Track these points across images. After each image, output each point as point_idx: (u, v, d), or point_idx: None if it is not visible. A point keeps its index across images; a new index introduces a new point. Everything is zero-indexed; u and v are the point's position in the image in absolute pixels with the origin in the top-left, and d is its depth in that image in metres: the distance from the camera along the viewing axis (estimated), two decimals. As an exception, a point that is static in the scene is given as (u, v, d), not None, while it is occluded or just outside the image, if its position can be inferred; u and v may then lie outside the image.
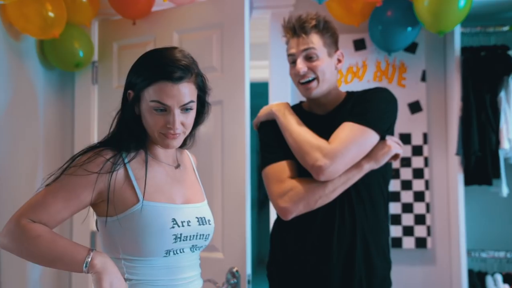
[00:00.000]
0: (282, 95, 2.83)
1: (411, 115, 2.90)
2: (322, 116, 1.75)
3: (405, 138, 2.88)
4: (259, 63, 3.96)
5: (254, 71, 4.37)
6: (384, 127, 1.67)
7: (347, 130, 1.60)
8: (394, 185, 2.88)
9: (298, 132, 1.64)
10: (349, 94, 1.79)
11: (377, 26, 2.77)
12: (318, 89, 1.68)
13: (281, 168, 1.67)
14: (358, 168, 1.62)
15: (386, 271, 1.80)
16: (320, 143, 1.58)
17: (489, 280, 2.75)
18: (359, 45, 2.96)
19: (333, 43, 1.75)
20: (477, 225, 2.83)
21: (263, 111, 1.82)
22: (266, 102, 2.73)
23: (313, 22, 1.68)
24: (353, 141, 1.58)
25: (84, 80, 3.04)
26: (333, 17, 2.65)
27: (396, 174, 2.89)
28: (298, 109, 1.80)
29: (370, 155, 1.63)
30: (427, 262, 2.87)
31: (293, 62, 1.70)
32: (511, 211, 2.90)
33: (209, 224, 1.43)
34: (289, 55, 1.71)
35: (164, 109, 1.31)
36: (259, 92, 3.85)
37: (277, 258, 1.80)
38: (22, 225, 1.22)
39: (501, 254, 2.77)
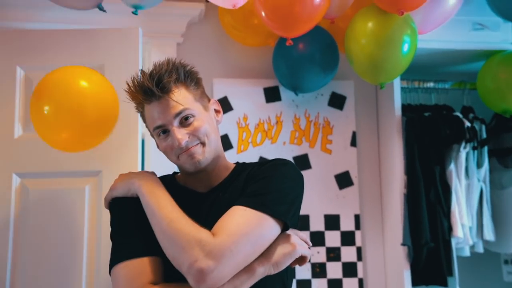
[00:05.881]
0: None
1: (340, 190, 2.21)
2: (203, 194, 1.41)
3: (332, 222, 2.18)
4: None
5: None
6: (288, 214, 1.30)
7: (238, 218, 1.26)
8: (319, 286, 2.11)
9: (171, 218, 1.27)
10: (240, 166, 1.46)
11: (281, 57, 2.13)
12: (206, 155, 1.37)
13: (139, 268, 1.28)
14: (250, 272, 1.26)
15: None
16: (202, 235, 1.23)
17: None
18: (271, 94, 2.24)
19: (202, 92, 1.41)
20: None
21: (119, 183, 1.41)
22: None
23: (174, 75, 1.33)
24: (246, 234, 1.24)
25: None
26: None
27: (321, 271, 2.13)
28: (170, 183, 1.43)
29: (266, 256, 1.29)
30: None
31: (163, 132, 1.36)
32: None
33: None
34: (156, 128, 1.36)
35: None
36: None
37: None
38: None
39: None
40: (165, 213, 1.29)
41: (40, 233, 1.97)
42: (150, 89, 1.30)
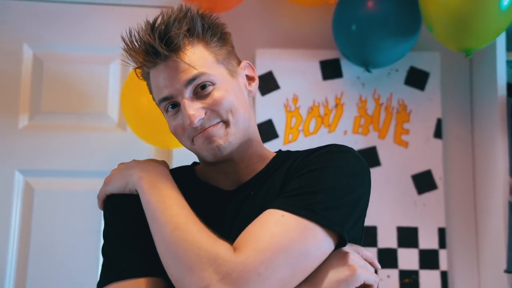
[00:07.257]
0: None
1: (419, 195, 1.73)
2: (228, 192, 1.15)
3: (408, 236, 1.72)
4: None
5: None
6: (345, 224, 1.01)
7: (272, 226, 0.98)
8: (388, 322, 1.64)
9: (177, 224, 1.00)
10: (282, 154, 1.18)
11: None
12: (231, 138, 1.08)
13: None
14: None
15: None
16: (218, 250, 0.96)
17: None
18: (330, 69, 1.80)
19: (229, 52, 1.11)
20: None
21: (115, 175, 1.15)
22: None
23: (186, 26, 1.04)
24: (282, 250, 0.95)
25: None
26: None
27: (392, 301, 1.65)
28: (186, 177, 1.17)
29: (313, 282, 1.01)
30: None
31: (172, 107, 1.08)
32: None
33: None
34: (162, 100, 1.08)
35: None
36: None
37: None
38: None
39: None
40: (169, 217, 1.03)
41: (46, 242, 1.70)
42: (152, 45, 1.02)
